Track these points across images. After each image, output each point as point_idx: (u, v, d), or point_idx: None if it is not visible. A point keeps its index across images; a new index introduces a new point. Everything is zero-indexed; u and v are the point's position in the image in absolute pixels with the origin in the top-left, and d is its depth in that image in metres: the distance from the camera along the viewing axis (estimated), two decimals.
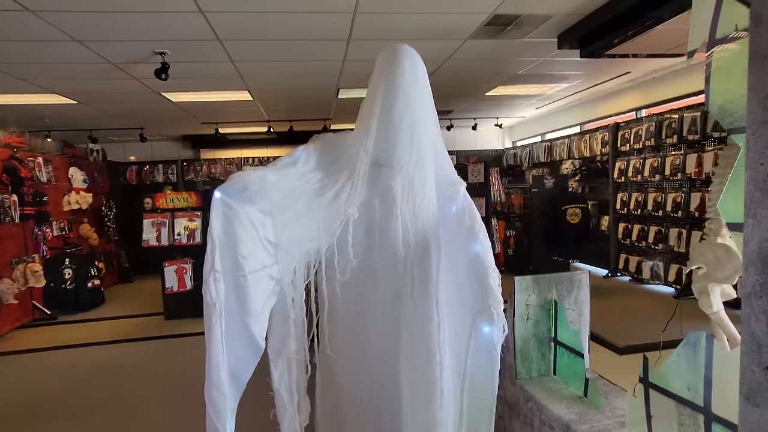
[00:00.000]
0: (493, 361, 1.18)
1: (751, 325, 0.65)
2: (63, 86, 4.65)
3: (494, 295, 1.20)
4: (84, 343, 4.53)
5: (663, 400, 0.98)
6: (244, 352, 1.09)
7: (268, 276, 1.15)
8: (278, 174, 1.20)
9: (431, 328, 1.20)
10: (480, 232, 1.29)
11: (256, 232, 1.11)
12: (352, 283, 1.27)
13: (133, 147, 8.49)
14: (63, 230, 5.97)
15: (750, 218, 0.65)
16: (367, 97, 1.33)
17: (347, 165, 1.25)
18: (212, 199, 1.08)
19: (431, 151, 1.29)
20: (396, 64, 1.28)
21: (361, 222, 1.26)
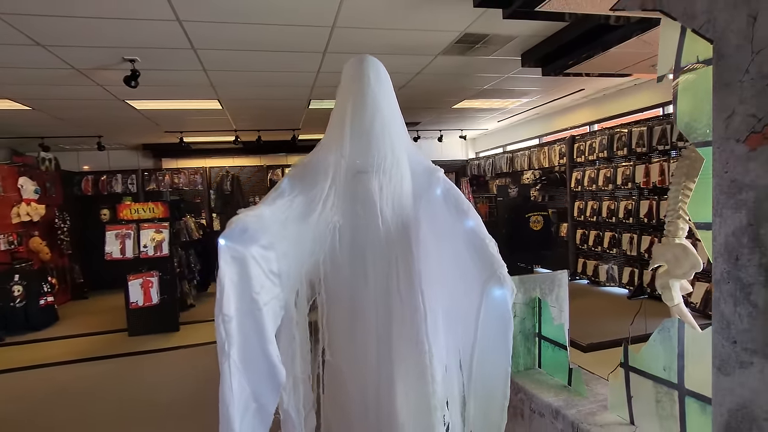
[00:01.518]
0: (506, 323, 1.23)
1: (721, 306, 0.78)
2: (17, 91, 4.42)
3: (497, 261, 1.27)
4: (37, 364, 4.26)
5: (641, 381, 1.11)
6: (268, 381, 1.14)
7: (278, 305, 1.24)
8: (271, 208, 1.28)
9: (418, 319, 1.30)
10: (469, 209, 1.37)
11: (261, 268, 1.18)
12: (346, 285, 1.35)
13: (88, 156, 8.10)
14: (12, 244, 5.59)
15: (717, 217, 0.78)
16: (336, 108, 1.40)
17: (326, 177, 1.32)
18: (218, 247, 1.14)
19: (404, 150, 1.40)
20: (362, 74, 1.36)
21: (347, 228, 1.34)
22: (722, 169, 0.77)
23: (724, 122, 0.76)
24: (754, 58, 0.71)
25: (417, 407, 1.31)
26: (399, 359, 1.31)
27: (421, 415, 1.31)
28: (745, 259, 0.74)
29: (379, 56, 4.58)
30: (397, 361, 1.31)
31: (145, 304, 4.63)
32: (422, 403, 1.30)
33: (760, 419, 0.73)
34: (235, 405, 1.06)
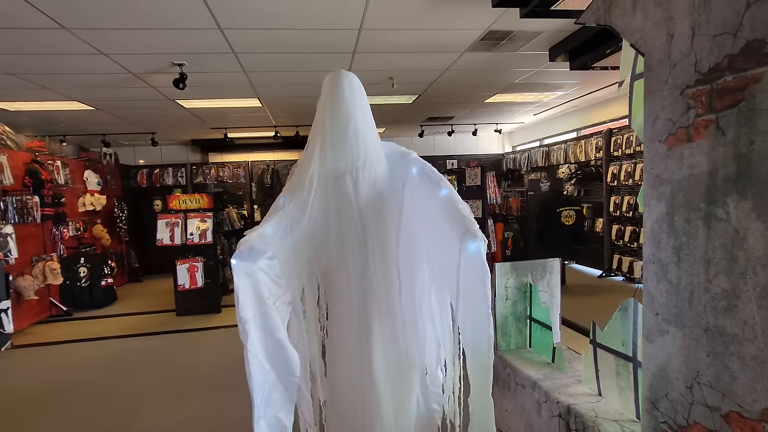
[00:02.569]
0: (483, 271, 1.37)
1: (648, 283, 0.91)
2: (83, 94, 4.94)
3: (468, 219, 1.44)
4: (99, 337, 4.80)
5: (606, 356, 1.23)
6: (285, 363, 1.40)
7: (285, 302, 1.49)
8: (272, 223, 1.51)
9: (392, 294, 1.54)
10: (440, 180, 1.56)
11: (268, 275, 1.43)
12: (335, 275, 1.62)
13: (144, 151, 8.79)
14: (78, 230, 6.25)
15: (646, 207, 0.90)
16: (316, 118, 1.59)
17: (311, 184, 1.53)
18: (232, 266, 1.39)
19: (376, 148, 1.60)
20: (336, 87, 1.54)
21: (331, 227, 1.58)
22: (649, 166, 0.89)
23: (651, 125, 0.88)
24: (671, 71, 0.83)
25: (395, 368, 1.54)
26: (376, 328, 1.55)
27: (398, 374, 1.54)
28: (664, 242, 0.86)
29: (406, 54, 4.78)
30: (374, 329, 1.55)
31: (191, 287, 5.07)
32: (399, 363, 1.54)
33: (673, 379, 0.85)
34: (256, 385, 1.33)
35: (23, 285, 4.91)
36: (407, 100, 6.05)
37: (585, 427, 1.14)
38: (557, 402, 1.25)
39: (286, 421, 1.40)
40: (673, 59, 0.82)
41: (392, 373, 1.54)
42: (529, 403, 1.41)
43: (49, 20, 3.00)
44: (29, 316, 5.13)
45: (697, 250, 0.79)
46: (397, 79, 4.84)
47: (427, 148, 9.63)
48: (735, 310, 0.72)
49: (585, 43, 3.85)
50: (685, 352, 0.82)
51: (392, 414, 1.52)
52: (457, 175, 4.60)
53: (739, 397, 0.72)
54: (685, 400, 0.83)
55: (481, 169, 4.42)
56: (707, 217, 0.77)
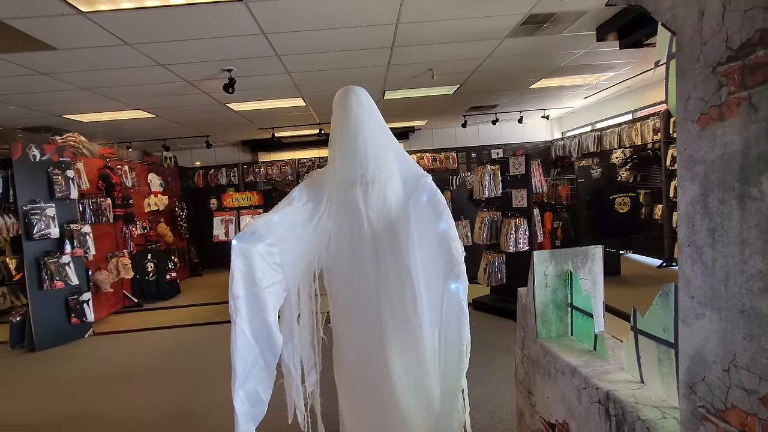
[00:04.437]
0: (460, 311, 1.48)
1: (683, 266, 0.89)
2: (145, 103, 5.35)
3: (456, 259, 1.51)
4: (167, 326, 5.22)
5: (647, 343, 1.20)
6: (269, 343, 1.48)
7: (280, 288, 1.55)
8: (280, 213, 1.58)
9: (405, 301, 1.58)
10: (444, 212, 1.61)
11: (265, 260, 1.49)
12: (345, 279, 1.68)
13: (199, 153, 9.35)
14: (145, 229, 6.78)
15: (680, 189, 0.89)
16: (331, 133, 1.65)
17: (325, 191, 1.61)
18: (231, 246, 1.45)
19: (390, 160, 1.63)
20: (344, 102, 1.59)
21: (341, 233, 1.63)
22: (683, 147, 0.87)
23: (683, 105, 0.86)
24: (702, 48, 0.81)
25: (413, 371, 1.59)
26: (390, 334, 1.60)
27: (417, 378, 1.59)
28: (699, 224, 0.84)
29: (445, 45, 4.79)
30: (388, 335, 1.60)
31: None
32: (416, 367, 1.59)
33: (710, 362, 0.84)
34: (239, 356, 1.41)
35: (100, 279, 5.43)
36: (448, 91, 6.00)
37: (624, 413, 1.13)
38: (597, 388, 1.24)
39: (264, 395, 1.47)
40: (704, 36, 0.80)
41: (412, 375, 1.59)
42: (569, 390, 1.41)
43: (114, 38, 3.29)
44: (106, 306, 5.67)
45: (731, 230, 0.77)
46: (437, 70, 4.82)
47: (470, 139, 9.49)
48: None
49: (635, 20, 3.65)
50: (722, 334, 0.80)
51: (415, 416, 1.58)
52: (500, 165, 4.52)
53: None
54: (722, 384, 0.81)
55: (526, 157, 4.32)
56: (741, 197, 0.75)
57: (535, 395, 1.70)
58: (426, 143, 9.72)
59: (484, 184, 4.45)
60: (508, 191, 4.47)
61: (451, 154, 9.42)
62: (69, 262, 4.68)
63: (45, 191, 4.58)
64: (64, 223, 4.72)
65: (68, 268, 4.67)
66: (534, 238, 4.33)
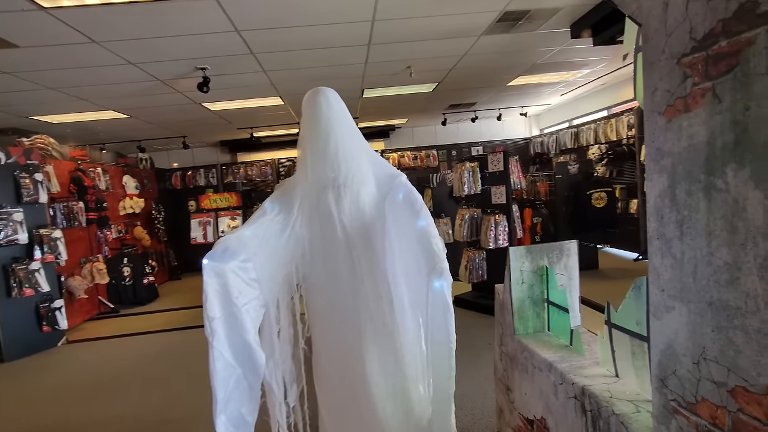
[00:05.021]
0: (445, 309, 1.44)
1: (653, 259, 0.89)
2: (117, 103, 5.19)
3: (438, 256, 1.47)
4: (145, 331, 5.08)
5: (621, 337, 1.21)
6: (251, 362, 1.44)
7: (258, 304, 1.50)
8: (252, 227, 1.54)
9: (382, 305, 1.54)
10: (421, 210, 1.58)
11: (240, 277, 1.44)
12: (320, 285, 1.64)
13: (177, 154, 9.14)
14: (120, 232, 6.60)
15: (649, 181, 0.88)
16: (300, 136, 1.61)
17: (296, 198, 1.56)
18: (202, 266, 1.38)
19: (363, 162, 1.59)
20: (313, 104, 1.55)
21: (315, 238, 1.59)
22: (650, 139, 0.87)
23: (650, 97, 0.86)
24: (667, 40, 0.80)
25: (391, 377, 1.56)
26: (367, 339, 1.56)
27: (396, 384, 1.56)
28: (667, 216, 0.84)
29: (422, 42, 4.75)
30: (365, 340, 1.56)
31: None
32: (394, 373, 1.55)
33: (680, 355, 0.84)
34: (219, 380, 1.37)
35: (74, 285, 5.26)
36: (427, 89, 6.00)
37: (599, 407, 1.13)
38: (572, 383, 1.24)
39: (249, 417, 1.43)
40: (669, 27, 0.79)
41: (391, 381, 1.55)
42: (546, 386, 1.41)
43: (80, 35, 3.17)
44: (81, 313, 5.49)
45: (698, 223, 0.77)
46: (415, 67, 4.81)
47: (451, 137, 9.53)
48: (737, 283, 0.70)
49: (608, 17, 3.69)
50: (691, 327, 0.80)
51: (393, 422, 1.55)
52: (479, 162, 4.54)
53: (745, 372, 0.71)
54: (692, 377, 0.81)
55: (504, 154, 4.34)
56: (707, 189, 0.74)
57: (514, 391, 1.70)
58: (407, 141, 9.72)
59: (463, 181, 4.46)
60: (487, 188, 4.49)
61: (432, 151, 9.44)
62: (39, 269, 4.51)
63: (11, 195, 4.41)
64: (33, 228, 4.55)
65: (38, 275, 4.50)
66: (513, 235, 4.36)
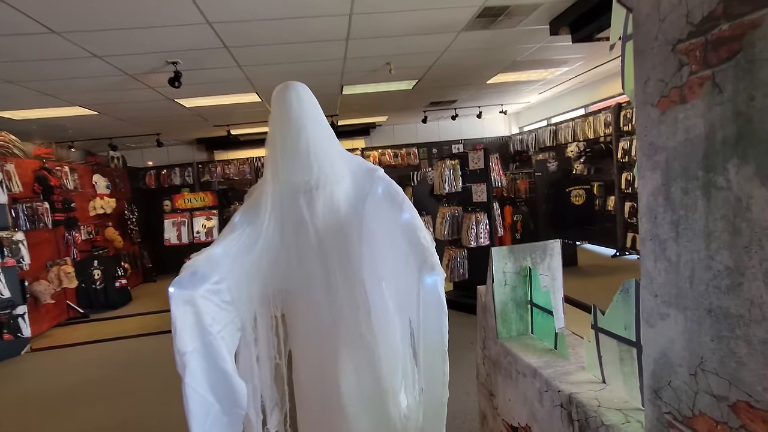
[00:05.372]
0: (439, 306, 1.33)
1: (646, 263, 0.83)
2: (85, 99, 4.95)
3: (427, 249, 1.38)
4: (117, 336, 4.87)
5: (608, 341, 1.15)
6: (231, 393, 1.33)
7: (234, 328, 1.39)
8: (223, 245, 1.42)
9: (360, 316, 1.43)
10: (403, 202, 1.48)
11: (212, 302, 1.33)
12: (294, 296, 1.53)
13: (151, 152, 8.84)
14: (90, 234, 6.33)
15: (640, 179, 0.82)
16: (268, 134, 1.48)
17: (266, 205, 1.43)
18: (169, 295, 1.26)
19: (336, 161, 1.48)
20: (283, 99, 1.43)
21: (287, 247, 1.47)
22: (642, 133, 0.81)
23: (642, 88, 0.80)
24: (660, 25, 0.74)
25: (368, 392, 1.46)
26: (343, 352, 1.45)
27: (373, 398, 1.46)
28: (661, 217, 0.78)
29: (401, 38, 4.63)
30: (341, 353, 1.45)
31: None
32: (372, 387, 1.45)
33: (675, 365, 0.78)
34: (195, 421, 1.26)
35: (39, 290, 5.00)
36: (407, 86, 5.93)
37: (587, 417, 1.08)
38: (558, 391, 1.19)
39: None
40: (663, 11, 0.73)
41: (367, 396, 1.46)
42: (530, 393, 1.35)
43: (38, 25, 2.97)
44: (47, 319, 5.23)
45: (696, 223, 0.71)
46: (394, 64, 4.73)
47: (431, 134, 9.50)
48: (739, 289, 0.65)
49: (587, 14, 3.69)
50: (688, 336, 0.75)
51: None
52: (459, 159, 4.49)
53: (748, 385, 0.65)
54: (689, 389, 0.75)
55: (484, 151, 4.31)
56: (706, 186, 0.68)
57: (497, 397, 1.64)
58: (387, 139, 9.64)
59: (444, 179, 4.41)
60: (468, 186, 4.45)
61: (413, 149, 9.39)
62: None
63: None
64: None
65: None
66: (494, 233, 4.33)
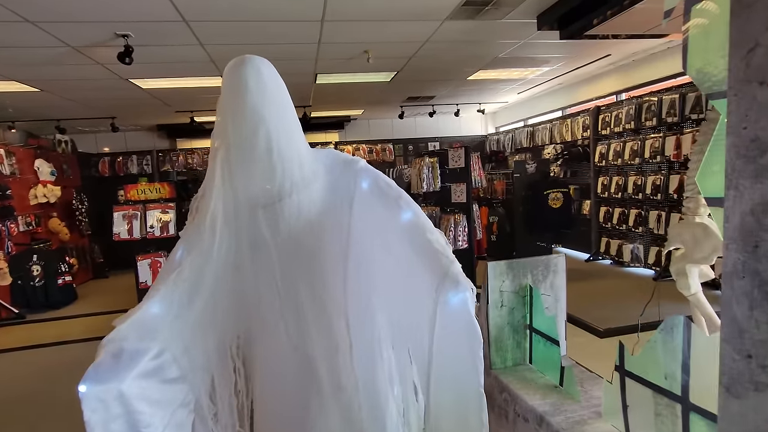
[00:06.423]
0: (472, 334, 1.01)
1: (733, 308, 0.59)
2: (21, 73, 4.40)
3: (446, 257, 1.05)
4: (55, 342, 4.37)
5: (639, 389, 0.93)
6: None
7: (186, 411, 1.06)
8: (160, 296, 1.05)
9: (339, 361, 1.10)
10: (400, 197, 1.14)
11: (150, 388, 0.99)
12: (256, 340, 1.16)
13: (106, 138, 8.18)
14: (30, 225, 5.73)
15: (731, 190, 0.58)
16: (216, 125, 1.11)
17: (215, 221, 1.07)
18: (80, 396, 0.93)
19: (305, 157, 1.13)
20: (238, 79, 1.05)
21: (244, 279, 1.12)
22: (740, 125, 0.57)
23: (744, 59, 0.56)
24: None
25: None
26: (313, 411, 1.10)
27: None
28: (766, 246, 0.54)
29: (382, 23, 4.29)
30: (312, 413, 1.10)
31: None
32: None
33: None
34: None
35: None
36: (385, 78, 5.65)
37: None
38: None
39: None
40: None
41: None
42: None
43: None
44: None
45: None
46: (373, 52, 4.44)
47: (407, 131, 9.28)
48: None
49: (576, 9, 3.52)
50: None
51: None
52: (438, 156, 4.26)
53: None
54: None
55: (465, 149, 4.10)
56: None
57: None
58: (362, 134, 9.34)
59: (422, 177, 4.17)
60: (447, 185, 4.23)
61: (388, 145, 9.13)
62: None
63: None
64: None
65: None
66: (473, 235, 4.14)
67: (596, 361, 1.99)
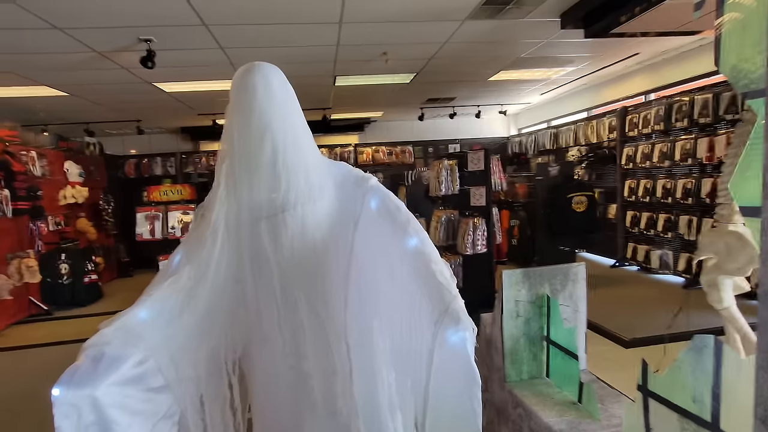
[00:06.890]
0: (470, 377, 0.97)
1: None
2: (50, 78, 4.56)
3: (448, 292, 1.01)
4: (81, 338, 4.47)
5: (664, 412, 0.85)
6: None
7: (170, 424, 1.02)
8: (151, 302, 1.04)
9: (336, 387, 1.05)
10: (409, 223, 1.11)
11: (130, 397, 0.96)
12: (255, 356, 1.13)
13: (132, 140, 8.41)
14: (59, 225, 5.92)
15: None
16: (224, 132, 1.10)
17: (217, 231, 1.05)
18: (52, 400, 0.89)
19: (313, 170, 1.11)
20: (245, 87, 1.05)
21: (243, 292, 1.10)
22: None
23: None
24: None
25: None
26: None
27: None
28: None
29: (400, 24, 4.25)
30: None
31: None
32: None
33: None
34: None
35: None
36: (404, 79, 5.61)
37: None
38: None
39: None
40: None
41: None
42: None
43: None
44: (5, 317, 4.84)
45: None
46: (391, 54, 4.40)
47: (427, 133, 9.21)
48: None
49: (603, 6, 3.40)
50: None
51: None
52: (458, 159, 4.19)
53: None
54: None
55: (485, 152, 4.01)
56: None
57: None
58: (382, 136, 9.32)
59: (440, 180, 4.10)
60: (466, 188, 4.15)
61: (408, 147, 9.08)
62: None
63: None
64: None
65: None
66: (493, 240, 4.04)
67: (620, 372, 1.90)
